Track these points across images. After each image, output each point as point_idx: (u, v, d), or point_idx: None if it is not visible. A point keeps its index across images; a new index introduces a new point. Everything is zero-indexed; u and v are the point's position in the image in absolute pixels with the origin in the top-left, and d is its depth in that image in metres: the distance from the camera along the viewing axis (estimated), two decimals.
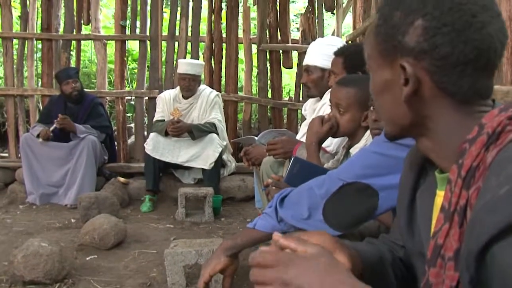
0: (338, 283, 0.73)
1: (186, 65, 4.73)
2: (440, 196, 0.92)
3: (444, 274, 0.81)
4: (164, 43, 5.71)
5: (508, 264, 0.66)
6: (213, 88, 5.21)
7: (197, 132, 4.60)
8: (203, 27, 5.91)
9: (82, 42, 5.94)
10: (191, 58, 5.58)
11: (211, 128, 4.70)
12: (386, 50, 0.91)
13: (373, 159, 1.42)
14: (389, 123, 0.98)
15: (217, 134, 4.71)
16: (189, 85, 4.75)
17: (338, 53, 2.81)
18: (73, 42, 5.73)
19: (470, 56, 0.84)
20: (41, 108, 5.61)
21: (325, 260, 0.77)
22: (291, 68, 5.75)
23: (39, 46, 5.82)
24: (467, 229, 0.76)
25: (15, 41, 5.60)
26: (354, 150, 2.32)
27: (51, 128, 4.74)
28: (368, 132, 2.19)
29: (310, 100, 3.43)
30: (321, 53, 3.15)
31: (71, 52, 5.80)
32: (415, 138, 0.97)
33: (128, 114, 6.32)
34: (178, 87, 4.91)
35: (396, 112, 0.93)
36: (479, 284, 0.73)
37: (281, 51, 5.62)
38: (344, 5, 5.79)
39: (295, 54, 5.76)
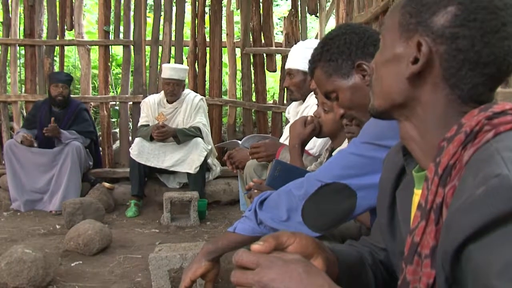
0: (317, 287, 0.75)
1: (170, 70, 4.74)
2: (417, 195, 0.94)
3: (421, 272, 0.82)
4: (148, 48, 5.71)
5: (482, 264, 0.67)
6: (197, 92, 5.23)
7: (182, 137, 4.61)
8: (187, 32, 5.92)
9: (66, 47, 5.94)
10: (175, 62, 5.59)
11: (196, 132, 4.71)
12: (408, 25, 0.92)
13: (351, 160, 1.44)
14: (381, 97, 0.98)
15: (202, 138, 4.72)
16: (173, 90, 4.76)
17: None
18: (57, 48, 5.71)
19: (484, 59, 0.86)
20: (25, 114, 5.58)
21: (304, 264, 0.78)
22: (275, 71, 5.78)
23: (22, 52, 5.79)
24: (443, 229, 0.77)
25: None
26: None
27: (35, 134, 4.73)
28: None
29: (294, 103, 3.45)
30: (303, 57, 3.16)
31: (55, 58, 5.78)
32: (400, 121, 0.98)
33: (113, 119, 6.31)
34: (162, 92, 4.91)
35: (393, 87, 0.94)
36: (454, 283, 0.74)
37: (264, 55, 5.64)
38: (327, 8, 5.84)
39: (279, 58, 5.80)
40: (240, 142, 3.57)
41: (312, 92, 2.85)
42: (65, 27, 5.64)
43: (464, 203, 0.71)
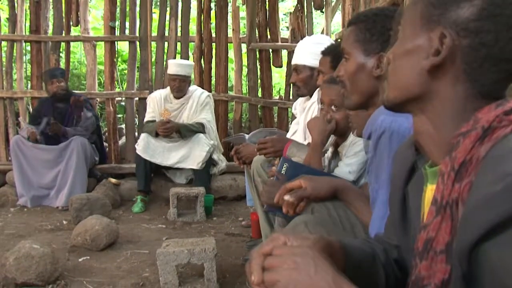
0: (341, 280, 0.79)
1: (175, 66, 4.73)
2: (429, 191, 0.93)
3: (435, 267, 0.81)
4: (153, 44, 5.71)
5: (500, 259, 0.66)
6: (203, 88, 5.23)
7: (185, 131, 4.63)
8: (193, 27, 5.90)
9: (72, 43, 5.95)
10: (181, 58, 5.58)
11: (199, 128, 4.72)
12: (431, 16, 0.90)
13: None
14: (396, 89, 0.97)
15: (205, 134, 4.73)
16: (179, 86, 4.76)
17: (326, 52, 2.82)
18: (62, 44, 5.73)
19: (507, 54, 0.84)
20: (31, 110, 5.59)
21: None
22: (281, 67, 5.77)
23: (28, 48, 5.80)
24: (459, 224, 0.76)
25: (3, 43, 5.56)
26: (342, 148, 2.34)
27: (40, 129, 4.75)
28: None
29: (300, 99, 3.44)
30: (309, 52, 3.16)
31: (61, 54, 5.79)
32: (415, 115, 0.96)
33: (119, 115, 6.32)
34: (168, 87, 4.91)
35: (411, 78, 0.93)
36: (471, 279, 0.73)
37: (270, 50, 5.63)
38: (333, 3, 5.82)
39: (284, 53, 5.79)
40: (246, 136, 3.56)
41: (319, 88, 2.84)
42: (71, 23, 5.65)
43: (483, 199, 0.70)
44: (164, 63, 5.54)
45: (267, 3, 5.62)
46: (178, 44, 5.67)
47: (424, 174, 0.97)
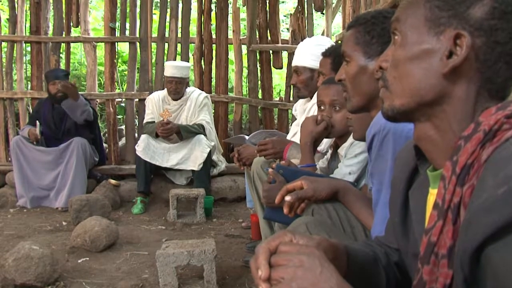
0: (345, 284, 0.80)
1: (172, 68, 4.72)
2: (432, 194, 0.92)
3: (437, 272, 0.81)
4: (154, 45, 5.70)
5: (502, 264, 0.66)
6: (203, 89, 5.23)
7: (185, 133, 4.63)
8: (193, 28, 5.89)
9: (72, 44, 5.94)
10: (181, 59, 5.58)
11: (199, 129, 4.72)
12: (438, 19, 0.89)
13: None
14: (406, 95, 0.94)
15: (205, 135, 4.72)
16: (176, 88, 4.76)
17: (326, 54, 2.81)
18: (63, 45, 5.72)
19: None
20: (31, 111, 5.58)
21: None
22: (281, 68, 5.77)
23: (28, 49, 5.79)
24: (461, 228, 0.75)
25: (4, 44, 5.56)
26: (341, 150, 2.33)
27: (38, 129, 4.75)
28: None
29: (301, 101, 3.44)
30: (310, 54, 3.15)
31: (61, 55, 5.78)
32: (419, 122, 0.94)
33: (119, 116, 6.31)
34: (166, 89, 4.91)
35: (425, 84, 0.91)
36: (473, 283, 0.73)
37: (271, 52, 5.63)
38: (333, 5, 5.81)
39: (285, 55, 5.78)
40: (246, 137, 3.56)
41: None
42: (71, 24, 5.64)
43: (485, 203, 0.69)
44: (164, 64, 5.54)
45: (267, 4, 5.62)
46: (179, 45, 5.67)
47: (427, 178, 0.97)
